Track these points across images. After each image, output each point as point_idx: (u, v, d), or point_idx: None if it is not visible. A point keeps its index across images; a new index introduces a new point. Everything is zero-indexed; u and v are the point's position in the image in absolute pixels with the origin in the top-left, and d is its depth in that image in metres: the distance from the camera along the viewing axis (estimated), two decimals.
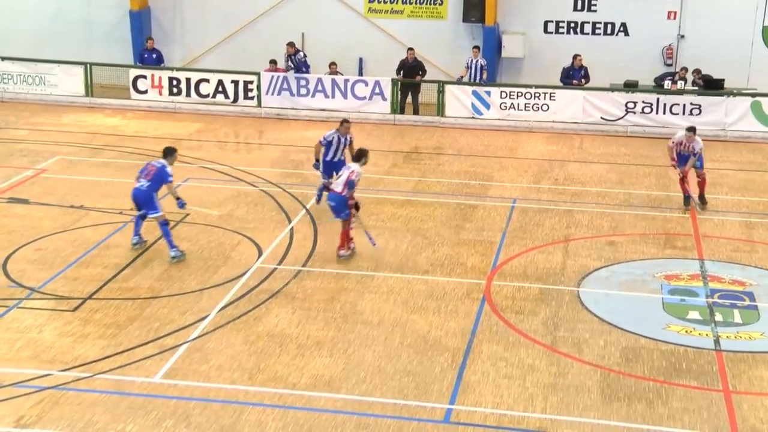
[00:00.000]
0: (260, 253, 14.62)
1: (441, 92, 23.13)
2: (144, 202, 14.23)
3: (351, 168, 14.48)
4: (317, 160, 16.46)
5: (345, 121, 16.80)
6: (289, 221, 16.09)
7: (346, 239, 14.45)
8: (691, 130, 17.10)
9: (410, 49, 23.51)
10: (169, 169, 14.29)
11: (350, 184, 14.15)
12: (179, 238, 15.10)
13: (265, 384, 10.83)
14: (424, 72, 23.42)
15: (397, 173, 19.22)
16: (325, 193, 15.64)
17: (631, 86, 23.04)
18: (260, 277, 13.74)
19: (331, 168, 16.14)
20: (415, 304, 13.06)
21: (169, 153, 14.49)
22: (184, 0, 25.54)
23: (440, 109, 23.19)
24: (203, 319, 12.37)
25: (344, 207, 14.25)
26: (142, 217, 14.54)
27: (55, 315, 12.37)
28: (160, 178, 14.20)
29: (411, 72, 23.31)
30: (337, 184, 14.41)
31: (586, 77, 23.19)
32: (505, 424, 10.12)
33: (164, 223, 14.31)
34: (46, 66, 23.89)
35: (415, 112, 23.41)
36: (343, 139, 16.39)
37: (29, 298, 12.81)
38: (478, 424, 10.13)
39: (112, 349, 11.48)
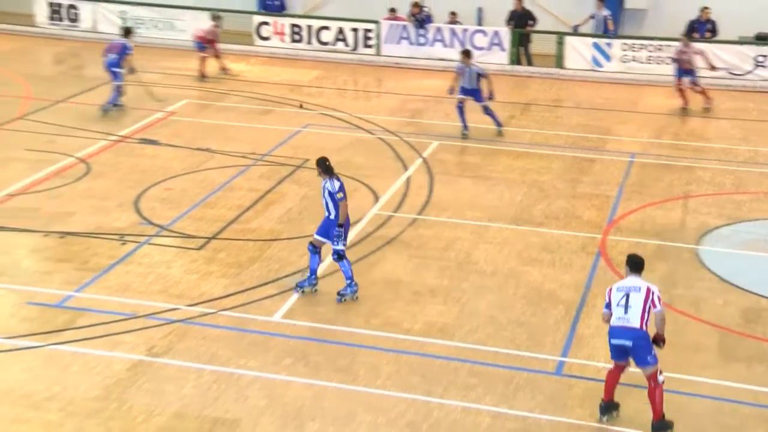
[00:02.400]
0: (377, 200, 14.70)
1: (560, 44, 22.60)
2: None
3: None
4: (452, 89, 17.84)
5: (462, 52, 18.00)
6: (406, 169, 16.11)
7: None
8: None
9: None
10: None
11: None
12: (299, 182, 15.33)
13: (380, 328, 10.95)
14: (534, 21, 22.91)
15: (514, 125, 18.95)
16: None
17: (762, 39, 21.96)
18: (377, 223, 13.84)
19: (466, 93, 17.69)
20: (529, 255, 12.94)
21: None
22: None
23: (559, 61, 22.67)
24: (321, 262, 12.53)
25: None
26: None
27: (182, 252, 12.78)
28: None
29: (520, 21, 22.85)
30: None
31: (713, 31, 22.20)
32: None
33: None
34: (175, 11, 24.41)
35: (529, 62, 22.97)
36: (467, 70, 17.54)
37: (159, 236, 13.26)
38: (590, 377, 10.02)
39: (235, 288, 11.80)
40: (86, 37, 24.75)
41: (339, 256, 11.47)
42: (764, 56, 21.54)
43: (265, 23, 24.05)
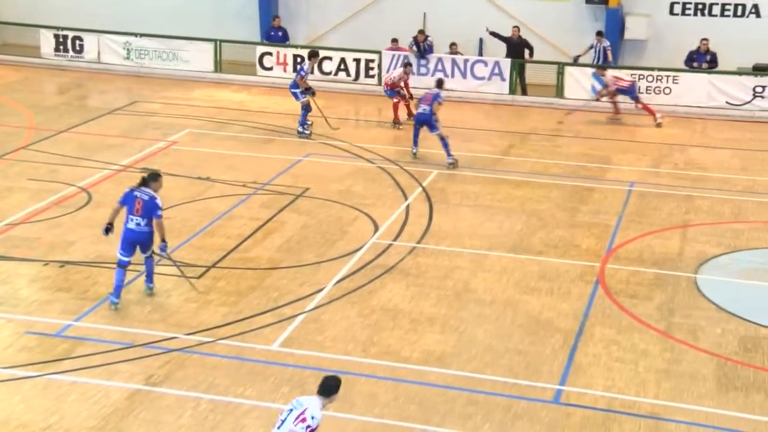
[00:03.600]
0: (376, 229, 14.73)
1: (560, 74, 22.74)
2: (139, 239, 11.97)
3: None
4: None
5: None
6: (406, 198, 16.15)
7: None
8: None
9: (515, 27, 23.18)
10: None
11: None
12: (299, 211, 15.38)
13: (378, 357, 10.93)
14: (532, 50, 23.04)
15: (514, 154, 19.01)
16: None
17: (760, 70, 22.07)
18: (376, 252, 13.86)
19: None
20: (527, 284, 12.94)
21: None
22: None
23: (559, 91, 22.79)
24: (320, 291, 12.56)
25: None
26: None
27: (181, 281, 12.77)
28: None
29: (516, 50, 22.98)
30: None
31: (713, 62, 22.32)
32: (616, 408, 9.93)
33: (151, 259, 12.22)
34: (179, 42, 24.61)
35: (524, 92, 23.09)
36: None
37: (158, 264, 13.24)
38: (588, 406, 9.98)
39: (233, 317, 11.79)
40: (91, 67, 24.95)
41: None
42: (763, 87, 21.64)
43: (268, 53, 24.22)
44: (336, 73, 23.86)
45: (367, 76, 23.75)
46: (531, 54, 23.04)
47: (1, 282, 12.57)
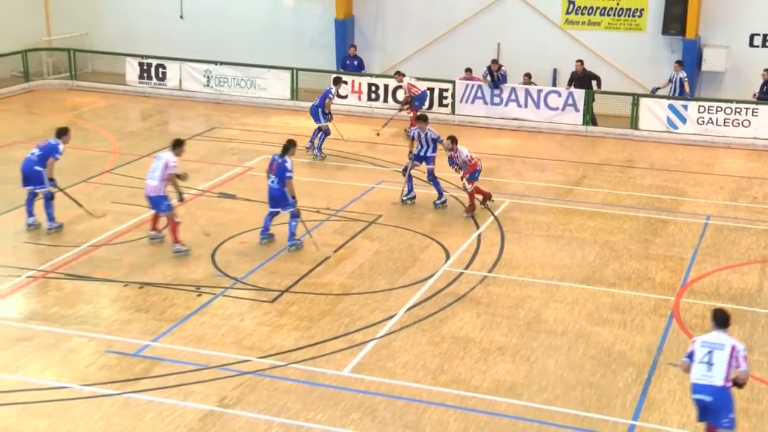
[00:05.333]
0: (448, 257, 14.69)
1: (635, 105, 22.46)
2: (276, 198, 14.83)
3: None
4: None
5: (419, 117, 17.99)
6: (477, 227, 16.08)
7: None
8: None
9: (579, 61, 22.95)
10: (288, 164, 14.82)
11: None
12: (371, 238, 15.45)
13: (448, 385, 10.87)
14: (599, 81, 22.79)
15: (586, 184, 18.81)
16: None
17: None
18: (447, 280, 13.82)
19: (419, 159, 17.42)
20: (599, 316, 12.74)
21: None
22: (386, 10, 26.01)
23: (634, 122, 22.51)
24: (391, 317, 12.57)
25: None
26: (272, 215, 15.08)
27: (255, 305, 12.93)
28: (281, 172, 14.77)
29: (582, 83, 22.77)
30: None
31: None
32: None
33: (296, 215, 14.83)
34: (257, 70, 25.05)
35: (593, 122, 22.84)
36: (423, 135, 17.29)
37: (233, 288, 13.46)
38: None
39: (305, 341, 11.87)
40: (172, 94, 25.55)
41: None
42: None
43: (344, 82, 24.46)
44: None
45: (440, 105, 23.80)
46: (599, 85, 22.81)
47: (84, 301, 12.89)
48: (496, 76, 23.18)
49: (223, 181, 18.23)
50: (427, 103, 23.80)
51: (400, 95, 23.79)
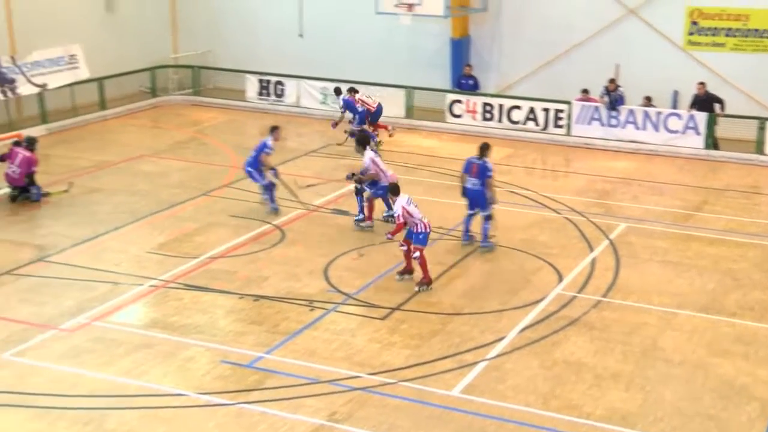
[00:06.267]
0: (560, 280, 14.47)
1: (762, 129, 21.66)
2: (478, 198, 15.50)
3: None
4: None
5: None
6: (591, 250, 15.79)
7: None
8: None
9: (701, 83, 22.22)
10: (489, 163, 15.46)
11: None
12: (483, 258, 15.36)
13: (560, 410, 10.67)
14: (723, 104, 22.02)
15: (707, 210, 18.22)
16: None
17: None
18: (559, 303, 13.60)
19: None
20: (720, 346, 12.29)
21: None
22: (503, 29, 25.90)
23: (760, 147, 21.71)
24: (502, 339, 12.45)
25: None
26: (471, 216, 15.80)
27: (366, 321, 13.01)
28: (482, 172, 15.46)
29: (704, 106, 22.05)
30: None
31: None
32: None
33: (489, 217, 15.54)
34: (372, 89, 25.27)
35: (715, 146, 22.09)
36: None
37: (345, 303, 13.59)
38: None
39: (415, 359, 11.86)
40: (290, 111, 26.08)
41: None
42: None
43: (458, 101, 24.50)
44: (525, 122, 23.80)
45: (555, 126, 23.54)
46: (722, 108, 22.07)
47: (201, 312, 13.25)
48: (613, 97, 22.76)
49: (336, 198, 18.45)
50: (542, 124, 23.60)
51: (516, 115, 23.67)
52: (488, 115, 24.17)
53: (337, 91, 22.80)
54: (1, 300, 13.47)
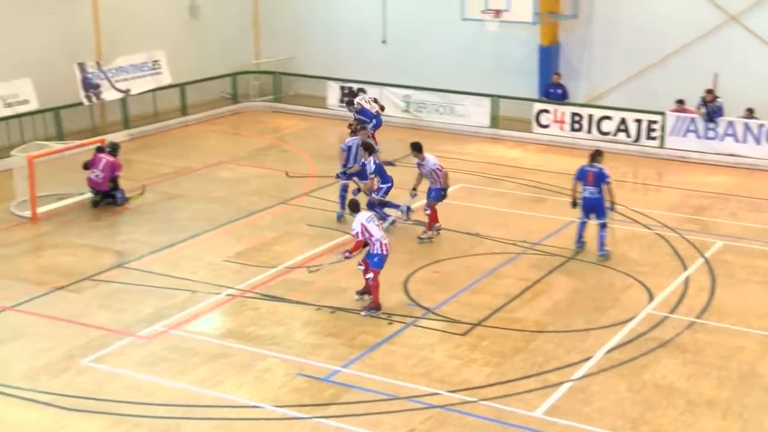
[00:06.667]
0: (651, 299, 14.16)
1: None
2: (596, 207, 15.63)
3: None
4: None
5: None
6: (685, 269, 15.41)
7: None
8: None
9: None
10: (607, 172, 15.65)
11: None
12: (569, 274, 15.15)
13: None
14: None
15: None
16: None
17: None
18: (650, 323, 13.31)
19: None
20: None
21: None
22: (593, 37, 25.53)
23: None
24: (588, 359, 12.24)
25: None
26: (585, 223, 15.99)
27: (446, 337, 12.94)
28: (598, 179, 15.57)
29: None
30: None
31: None
32: None
33: (605, 226, 15.74)
34: (456, 97, 25.27)
35: None
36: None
37: (424, 318, 13.54)
38: None
39: (497, 378, 11.74)
40: None
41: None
42: None
43: (545, 111, 24.26)
44: (615, 134, 23.43)
45: (648, 137, 23.10)
46: None
47: (278, 323, 13.37)
48: (710, 108, 22.22)
49: (417, 209, 18.41)
50: (634, 135, 23.21)
51: (606, 126, 23.37)
52: (577, 126, 23.86)
53: (350, 103, 22.02)
54: (82, 305, 13.83)
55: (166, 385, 11.52)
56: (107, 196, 18.36)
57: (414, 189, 17.00)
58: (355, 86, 26.58)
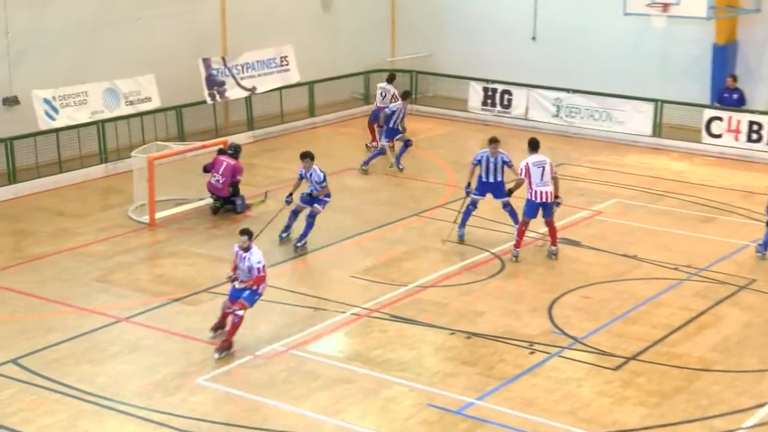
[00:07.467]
0: None
1: None
2: None
3: None
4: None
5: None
6: None
7: None
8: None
9: None
10: None
11: None
12: (741, 306, 14.69)
13: None
14: None
15: None
16: None
17: None
18: None
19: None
20: None
21: None
22: None
23: None
24: (762, 405, 11.81)
25: None
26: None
27: (596, 371, 12.73)
28: None
29: None
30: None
31: None
32: None
33: None
34: (614, 101, 24.86)
35: None
36: (492, 159, 17.49)
37: (571, 348, 13.36)
38: None
39: (653, 420, 11.47)
40: (516, 124, 26.03)
41: None
42: None
43: (718, 118, 23.56)
44: None
45: None
46: None
47: (408, 347, 13.44)
48: None
49: (566, 225, 18.20)
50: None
51: None
52: (755, 136, 23.09)
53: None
54: (198, 319, 14.27)
55: (283, 409, 11.75)
56: (227, 203, 18.89)
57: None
58: (500, 87, 26.51)
